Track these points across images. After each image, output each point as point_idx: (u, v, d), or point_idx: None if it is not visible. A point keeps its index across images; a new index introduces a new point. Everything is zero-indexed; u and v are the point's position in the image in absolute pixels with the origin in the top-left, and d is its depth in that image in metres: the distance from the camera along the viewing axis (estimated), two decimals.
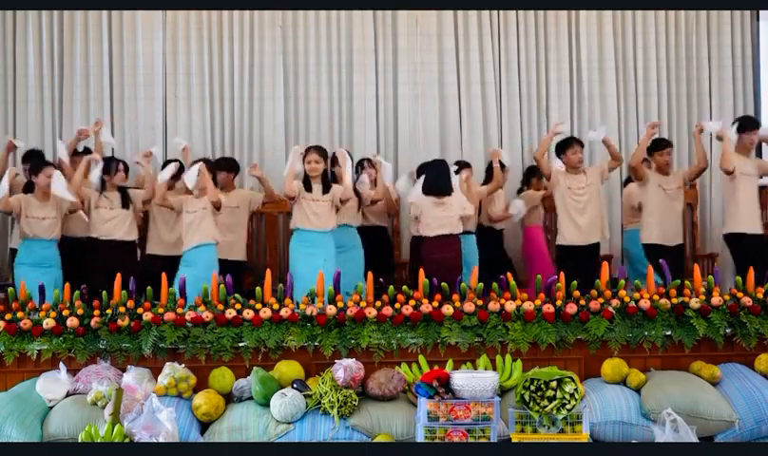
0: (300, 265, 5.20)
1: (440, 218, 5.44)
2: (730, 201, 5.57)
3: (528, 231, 6.38)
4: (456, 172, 5.71)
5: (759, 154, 6.45)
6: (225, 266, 5.26)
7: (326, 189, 5.43)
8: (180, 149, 6.11)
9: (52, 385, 4.13)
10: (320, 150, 5.52)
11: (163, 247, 5.77)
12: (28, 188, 5.47)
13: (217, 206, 5.37)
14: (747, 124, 5.64)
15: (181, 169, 5.77)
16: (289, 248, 5.48)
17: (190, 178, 5.27)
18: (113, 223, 5.44)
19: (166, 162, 5.87)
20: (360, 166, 6.03)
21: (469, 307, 4.40)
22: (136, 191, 5.71)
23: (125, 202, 5.52)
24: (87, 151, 5.95)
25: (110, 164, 5.55)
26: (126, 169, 5.82)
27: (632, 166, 5.73)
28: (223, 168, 5.96)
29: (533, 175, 6.51)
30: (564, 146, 5.75)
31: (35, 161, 5.55)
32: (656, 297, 4.47)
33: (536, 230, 6.39)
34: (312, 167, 5.40)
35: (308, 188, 5.40)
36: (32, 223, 5.26)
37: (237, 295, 4.49)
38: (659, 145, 5.83)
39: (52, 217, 5.32)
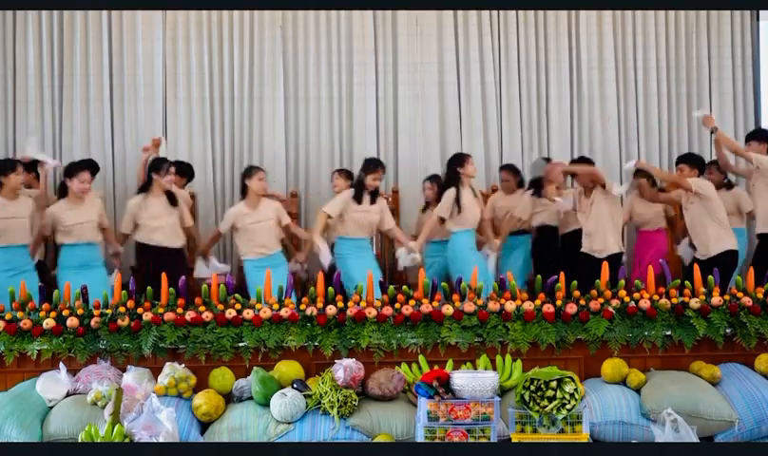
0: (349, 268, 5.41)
1: None
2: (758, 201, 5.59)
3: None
4: None
5: None
6: None
7: (373, 200, 5.68)
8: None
9: (52, 385, 4.12)
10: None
11: None
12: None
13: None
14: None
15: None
16: (336, 255, 5.62)
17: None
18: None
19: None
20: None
21: (469, 307, 4.40)
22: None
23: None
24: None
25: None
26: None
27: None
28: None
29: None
30: None
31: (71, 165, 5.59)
32: (656, 297, 4.47)
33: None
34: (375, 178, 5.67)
35: (359, 200, 5.64)
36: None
37: (237, 295, 4.50)
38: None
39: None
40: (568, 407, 3.71)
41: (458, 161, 5.79)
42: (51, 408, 4.03)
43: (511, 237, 6.20)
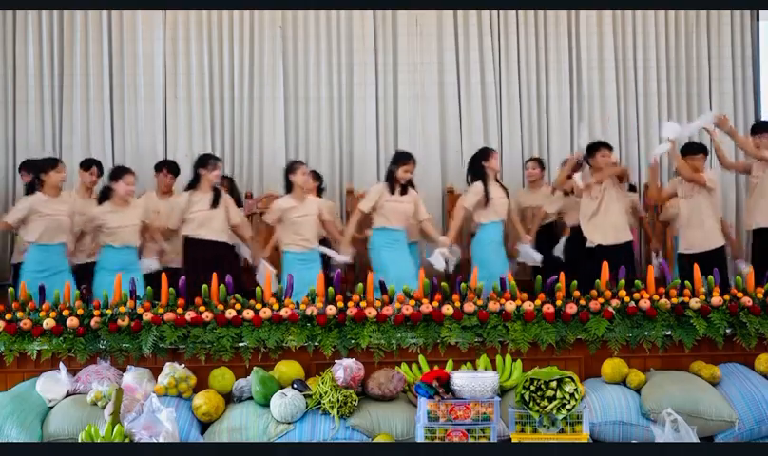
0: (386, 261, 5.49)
1: None
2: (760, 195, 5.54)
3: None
4: None
5: None
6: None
7: (404, 191, 5.70)
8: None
9: (52, 385, 4.12)
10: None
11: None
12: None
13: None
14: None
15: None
16: (370, 247, 5.67)
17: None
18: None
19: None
20: None
21: (469, 307, 4.40)
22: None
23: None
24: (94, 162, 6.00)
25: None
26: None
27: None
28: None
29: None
30: None
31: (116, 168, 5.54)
32: (656, 297, 4.47)
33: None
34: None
35: (392, 191, 5.67)
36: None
37: (237, 295, 4.50)
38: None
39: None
40: (568, 407, 3.71)
41: (483, 155, 5.89)
42: (51, 408, 4.03)
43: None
